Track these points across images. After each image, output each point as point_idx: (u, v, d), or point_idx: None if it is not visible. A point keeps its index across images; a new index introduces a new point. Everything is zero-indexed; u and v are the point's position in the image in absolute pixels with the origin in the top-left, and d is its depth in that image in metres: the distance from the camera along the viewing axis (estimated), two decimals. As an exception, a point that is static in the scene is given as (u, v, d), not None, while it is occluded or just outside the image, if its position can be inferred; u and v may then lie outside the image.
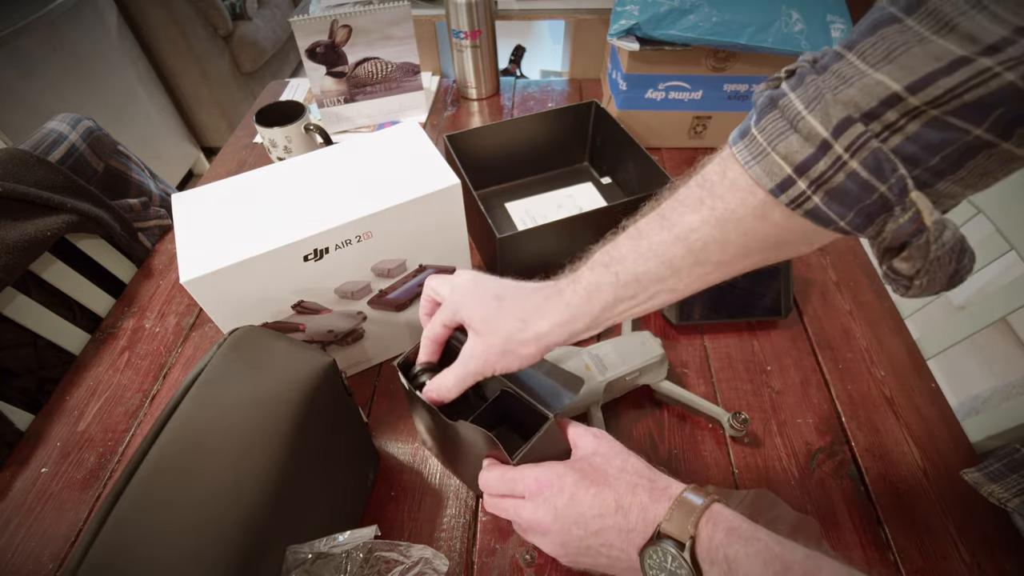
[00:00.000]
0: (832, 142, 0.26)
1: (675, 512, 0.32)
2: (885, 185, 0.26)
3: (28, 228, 0.59)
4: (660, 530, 0.32)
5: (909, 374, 0.59)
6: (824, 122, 0.27)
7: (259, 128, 0.77)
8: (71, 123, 0.69)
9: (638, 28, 0.71)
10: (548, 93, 1.04)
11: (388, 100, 0.94)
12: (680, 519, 0.32)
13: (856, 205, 0.27)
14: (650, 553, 0.32)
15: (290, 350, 0.40)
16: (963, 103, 0.23)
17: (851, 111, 0.26)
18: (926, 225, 0.26)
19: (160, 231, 0.78)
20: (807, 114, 0.27)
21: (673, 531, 0.31)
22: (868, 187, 0.26)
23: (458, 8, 0.88)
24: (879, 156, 0.26)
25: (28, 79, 1.39)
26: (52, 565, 0.47)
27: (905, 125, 0.25)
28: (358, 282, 0.50)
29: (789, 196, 0.29)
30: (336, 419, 0.43)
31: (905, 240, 0.27)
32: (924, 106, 0.24)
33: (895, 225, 0.27)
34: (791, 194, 0.28)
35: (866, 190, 0.26)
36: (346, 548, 0.37)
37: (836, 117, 0.26)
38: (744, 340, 0.62)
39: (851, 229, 0.28)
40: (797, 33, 0.70)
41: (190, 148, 2.01)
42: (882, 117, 0.25)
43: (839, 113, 0.26)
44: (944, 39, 0.23)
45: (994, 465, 0.44)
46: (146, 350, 0.64)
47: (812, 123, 0.27)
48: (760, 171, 0.29)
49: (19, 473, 0.54)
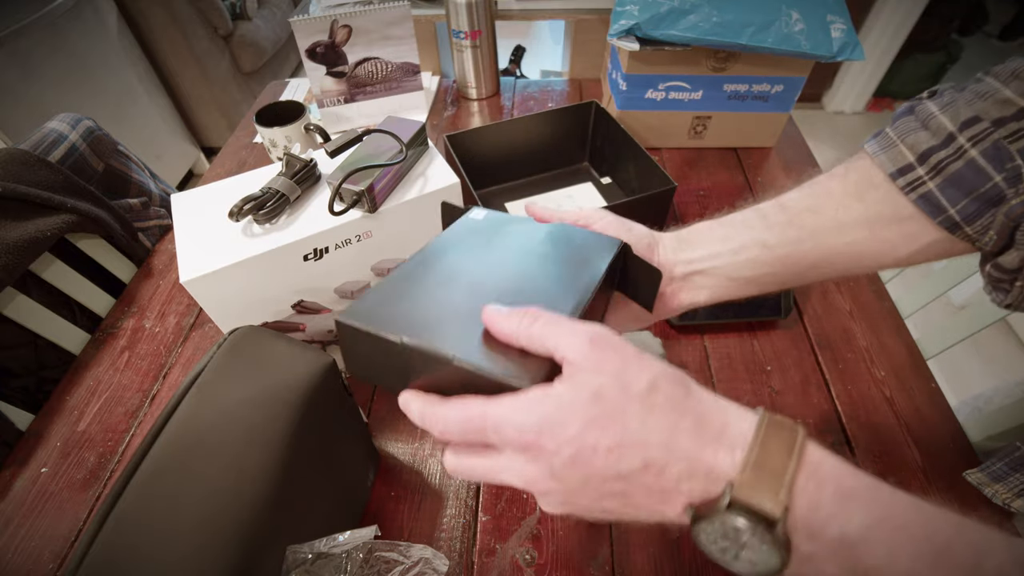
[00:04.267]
0: (957, 134, 0.29)
1: (751, 468, 0.21)
2: (1001, 174, 0.28)
3: (28, 228, 0.59)
4: (733, 498, 0.21)
5: (909, 374, 0.59)
6: (953, 119, 0.30)
7: (259, 128, 0.77)
8: (71, 123, 0.69)
9: (638, 28, 0.71)
10: (548, 93, 1.04)
11: (388, 100, 0.93)
12: (762, 480, 0.21)
13: (971, 192, 0.29)
14: (710, 520, 0.22)
15: (290, 350, 0.40)
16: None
17: (980, 114, 0.29)
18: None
19: (160, 231, 0.78)
20: (939, 114, 0.30)
21: (752, 499, 0.21)
22: (984, 174, 0.28)
23: (458, 8, 0.88)
24: (1000, 146, 0.28)
25: (28, 79, 1.39)
26: (52, 565, 0.47)
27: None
28: (358, 282, 0.50)
29: (907, 179, 0.31)
30: (336, 419, 0.43)
31: (1016, 223, 0.28)
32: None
33: (1006, 207, 0.28)
34: (909, 178, 0.31)
35: (981, 177, 0.29)
36: (346, 548, 0.37)
37: (965, 115, 0.29)
38: (744, 340, 0.62)
39: (961, 219, 0.30)
40: (797, 33, 0.70)
41: (190, 148, 2.01)
42: (1008, 125, 0.28)
43: (968, 113, 0.29)
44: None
45: (996, 465, 0.44)
46: (146, 350, 0.64)
47: (942, 120, 0.30)
48: (885, 158, 0.32)
49: (19, 473, 0.53)
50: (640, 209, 0.65)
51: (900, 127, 0.32)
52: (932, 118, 0.31)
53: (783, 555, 0.21)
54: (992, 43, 2.54)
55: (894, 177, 0.32)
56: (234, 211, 0.43)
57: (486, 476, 0.26)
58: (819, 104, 2.35)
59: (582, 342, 0.24)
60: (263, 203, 0.44)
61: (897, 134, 0.32)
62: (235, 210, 0.43)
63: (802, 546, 0.21)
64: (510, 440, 0.24)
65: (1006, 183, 0.28)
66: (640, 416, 0.23)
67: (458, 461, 0.27)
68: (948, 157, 0.30)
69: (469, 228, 0.36)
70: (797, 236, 0.35)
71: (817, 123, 2.27)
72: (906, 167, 0.31)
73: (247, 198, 0.44)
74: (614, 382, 0.23)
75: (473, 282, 0.30)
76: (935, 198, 0.30)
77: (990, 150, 0.28)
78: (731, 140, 0.87)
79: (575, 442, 0.23)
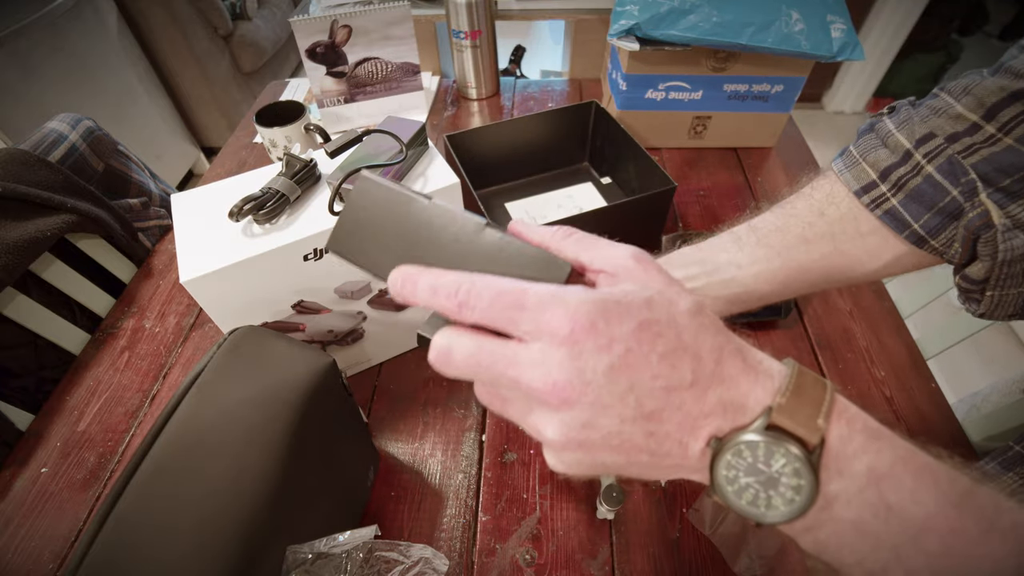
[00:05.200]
0: (913, 151, 0.31)
1: (791, 394, 0.21)
2: (957, 188, 0.29)
3: (28, 228, 0.59)
4: (772, 421, 0.20)
5: (909, 374, 0.59)
6: (909, 136, 0.31)
7: (259, 128, 0.77)
8: (71, 123, 0.69)
9: (638, 28, 0.71)
10: (548, 93, 1.04)
11: (388, 100, 0.93)
12: (802, 405, 0.21)
13: (932, 206, 0.30)
14: (738, 450, 0.20)
15: (290, 350, 0.40)
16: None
17: (935, 130, 0.30)
18: (994, 223, 0.28)
19: (160, 231, 0.78)
20: (896, 131, 0.32)
21: (790, 424, 0.20)
22: (942, 189, 0.30)
23: (458, 8, 0.88)
24: (953, 161, 0.29)
25: (28, 79, 1.39)
26: (52, 565, 0.47)
27: (980, 148, 0.29)
28: (358, 282, 0.50)
29: (871, 196, 0.33)
30: (336, 419, 0.43)
31: (975, 235, 0.29)
32: (998, 133, 0.28)
33: (965, 220, 0.29)
34: (873, 195, 0.33)
35: (940, 191, 0.30)
36: (346, 548, 0.37)
37: (920, 132, 0.31)
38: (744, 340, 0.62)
39: (925, 233, 0.31)
40: (797, 33, 0.70)
41: (190, 148, 2.01)
42: (962, 140, 0.29)
43: (923, 130, 0.31)
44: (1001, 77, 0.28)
45: (990, 464, 0.44)
46: (146, 350, 0.64)
47: (899, 138, 0.32)
48: (850, 176, 0.34)
49: (19, 473, 0.53)
50: (640, 209, 0.65)
51: (862, 145, 0.34)
52: (890, 136, 0.32)
53: (813, 491, 0.20)
54: (992, 43, 2.54)
55: (859, 195, 0.33)
56: (234, 211, 0.43)
57: (496, 366, 0.21)
58: (819, 104, 2.36)
59: (625, 256, 0.23)
60: (263, 203, 0.44)
61: (859, 152, 0.34)
62: (235, 210, 0.43)
63: (829, 484, 0.20)
64: (552, 327, 0.20)
65: (963, 196, 0.29)
66: (692, 330, 0.21)
67: (467, 339, 0.21)
68: (907, 174, 0.31)
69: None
70: (766, 255, 0.36)
71: (817, 123, 2.27)
72: (869, 184, 0.33)
73: (247, 198, 0.44)
74: (661, 296, 0.21)
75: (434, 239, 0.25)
76: (899, 213, 0.32)
77: (944, 165, 0.30)
78: (731, 140, 0.87)
79: (630, 339, 0.20)
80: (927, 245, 0.32)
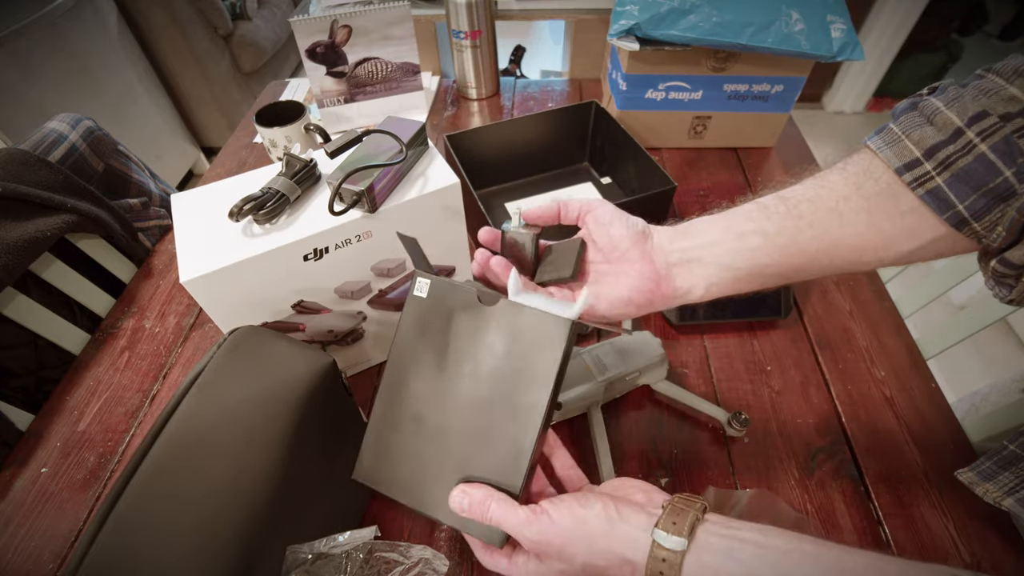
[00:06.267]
0: (965, 129, 0.29)
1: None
2: (1011, 169, 0.28)
3: (28, 228, 0.59)
4: None
5: (909, 374, 0.59)
6: (960, 114, 0.29)
7: (259, 128, 0.77)
8: (71, 123, 0.69)
9: (638, 28, 0.71)
10: (548, 93, 1.04)
11: (388, 100, 0.94)
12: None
13: (980, 187, 0.29)
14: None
15: (290, 350, 0.40)
16: None
17: (988, 110, 0.28)
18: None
19: (160, 231, 0.78)
20: (945, 109, 0.30)
21: None
22: (994, 169, 0.28)
23: (458, 8, 0.88)
24: (1011, 141, 0.28)
25: (28, 79, 1.39)
26: (52, 565, 0.47)
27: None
28: (358, 282, 0.50)
29: (914, 175, 0.31)
30: (336, 419, 0.43)
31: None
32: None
33: (1019, 202, 0.28)
34: (916, 173, 0.30)
35: (992, 171, 0.28)
36: (346, 548, 0.37)
37: (973, 110, 0.29)
38: (744, 340, 0.62)
39: (969, 215, 0.29)
40: (797, 33, 0.70)
41: (190, 148, 2.01)
42: (1015, 121, 0.28)
43: (976, 107, 0.29)
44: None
45: (986, 464, 0.44)
46: (146, 350, 0.64)
47: (949, 115, 0.30)
48: (891, 153, 0.32)
49: (19, 473, 0.53)
50: (640, 209, 0.64)
51: (904, 123, 0.32)
52: (938, 113, 0.30)
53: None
54: (992, 43, 2.54)
55: (900, 172, 0.31)
56: (234, 211, 0.43)
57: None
58: (819, 104, 2.36)
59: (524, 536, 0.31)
60: (263, 203, 0.44)
61: (901, 129, 0.32)
62: (235, 210, 0.43)
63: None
64: None
65: (1016, 178, 0.28)
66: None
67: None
68: (956, 152, 0.29)
69: (418, 316, 0.37)
70: (796, 226, 0.34)
71: (817, 123, 2.27)
72: (913, 162, 0.31)
73: (247, 198, 0.44)
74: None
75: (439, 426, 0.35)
76: (943, 193, 0.30)
77: (1000, 145, 0.28)
78: (731, 140, 0.87)
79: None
80: (967, 228, 0.30)
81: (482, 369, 0.34)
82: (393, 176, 0.47)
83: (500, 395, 0.34)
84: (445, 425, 0.35)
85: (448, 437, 0.35)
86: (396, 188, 0.48)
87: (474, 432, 0.34)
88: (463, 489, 0.33)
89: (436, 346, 0.36)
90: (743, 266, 0.36)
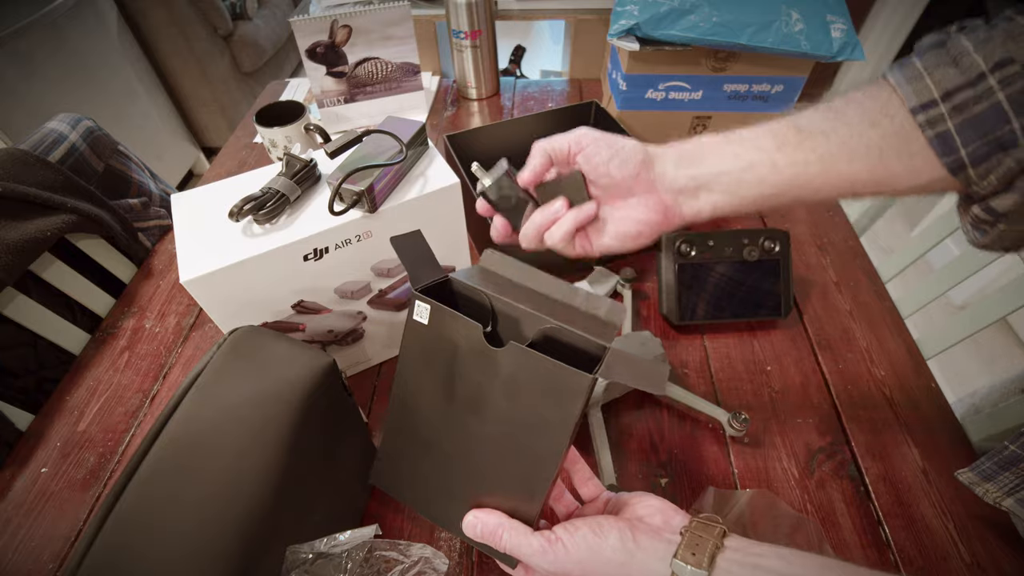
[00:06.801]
0: (988, 75, 0.29)
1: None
2: (1021, 120, 0.27)
3: (28, 228, 0.59)
4: None
5: (909, 374, 0.59)
6: (988, 59, 0.29)
7: (259, 128, 0.77)
8: (71, 123, 0.69)
9: (638, 28, 0.71)
10: (548, 93, 1.04)
11: (388, 100, 0.94)
12: None
13: (987, 134, 0.29)
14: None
15: (290, 350, 0.40)
16: None
17: (1014, 55, 0.28)
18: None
19: (160, 231, 0.78)
20: (973, 51, 0.29)
21: None
22: (1004, 118, 0.28)
23: (458, 8, 0.88)
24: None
25: (28, 79, 1.39)
26: (52, 565, 0.47)
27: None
28: (358, 282, 0.50)
29: (927, 116, 0.30)
30: (336, 419, 0.43)
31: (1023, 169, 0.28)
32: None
33: (1019, 151, 0.28)
34: (930, 114, 0.30)
35: (1001, 121, 0.28)
36: (346, 548, 0.37)
37: (1000, 55, 0.28)
38: (744, 340, 0.62)
39: (969, 161, 0.29)
40: (797, 33, 0.70)
41: (190, 148, 2.01)
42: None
43: (1003, 54, 0.28)
44: None
45: (986, 464, 0.44)
46: (146, 350, 0.64)
47: (976, 58, 0.29)
48: (910, 91, 0.31)
49: (19, 473, 0.54)
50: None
51: (929, 59, 0.31)
52: (965, 55, 0.30)
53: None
54: (992, 43, 2.54)
55: (915, 112, 0.31)
56: (234, 211, 0.43)
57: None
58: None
59: (539, 566, 0.31)
60: (263, 203, 0.44)
61: (925, 66, 0.31)
62: (235, 210, 0.43)
63: None
64: None
65: (1023, 130, 0.28)
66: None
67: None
68: (974, 97, 0.29)
69: (421, 345, 0.34)
70: (806, 159, 0.35)
71: (817, 123, 2.27)
72: (929, 103, 0.30)
73: (247, 198, 0.44)
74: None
75: (449, 454, 0.35)
76: (950, 138, 0.30)
77: (1016, 96, 0.28)
78: (731, 140, 0.87)
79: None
80: (963, 173, 0.30)
81: (492, 411, 0.33)
82: (393, 176, 0.47)
83: (513, 440, 0.33)
84: (455, 454, 0.35)
85: (459, 465, 0.35)
86: (396, 188, 0.48)
87: (486, 467, 0.34)
88: (476, 515, 0.33)
89: (442, 376, 0.34)
90: (748, 195, 0.37)
